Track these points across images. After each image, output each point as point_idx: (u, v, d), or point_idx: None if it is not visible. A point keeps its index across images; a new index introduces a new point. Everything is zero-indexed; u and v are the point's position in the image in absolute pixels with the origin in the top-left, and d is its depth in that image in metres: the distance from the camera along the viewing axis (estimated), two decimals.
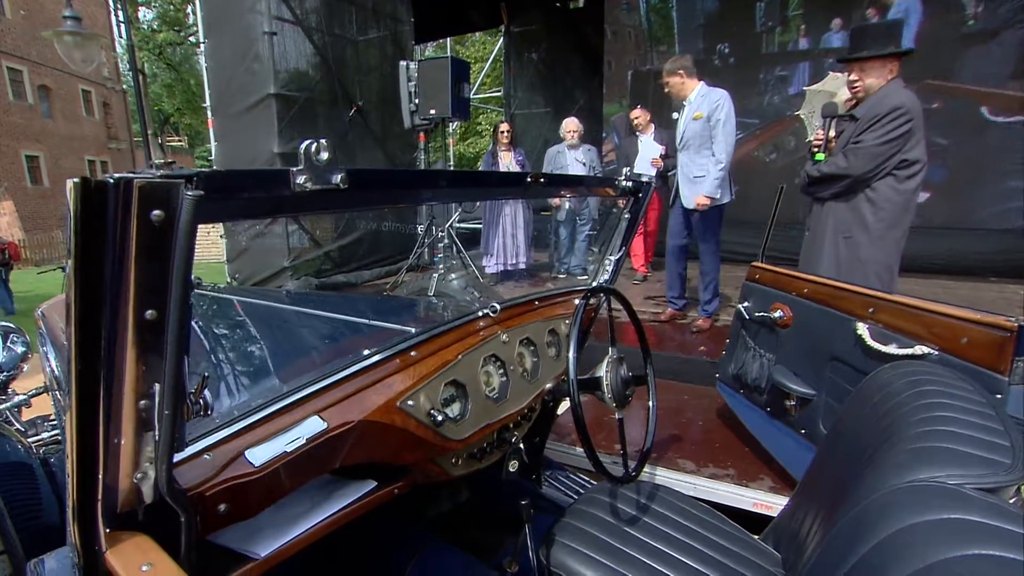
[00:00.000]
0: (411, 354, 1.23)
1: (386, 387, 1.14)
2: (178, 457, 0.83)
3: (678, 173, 3.76)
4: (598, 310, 1.89)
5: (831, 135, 2.65)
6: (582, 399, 1.35)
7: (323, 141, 0.75)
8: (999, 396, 1.28)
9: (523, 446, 1.50)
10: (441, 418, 1.19)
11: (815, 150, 2.68)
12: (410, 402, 1.16)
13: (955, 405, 1.00)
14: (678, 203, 3.77)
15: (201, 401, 0.77)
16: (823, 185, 2.65)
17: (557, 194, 4.11)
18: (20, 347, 2.18)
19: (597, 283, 1.80)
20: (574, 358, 1.31)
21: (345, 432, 1.03)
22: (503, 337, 1.44)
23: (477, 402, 1.33)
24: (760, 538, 1.42)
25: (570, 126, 5.32)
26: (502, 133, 5.42)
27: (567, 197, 5.41)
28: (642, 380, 1.56)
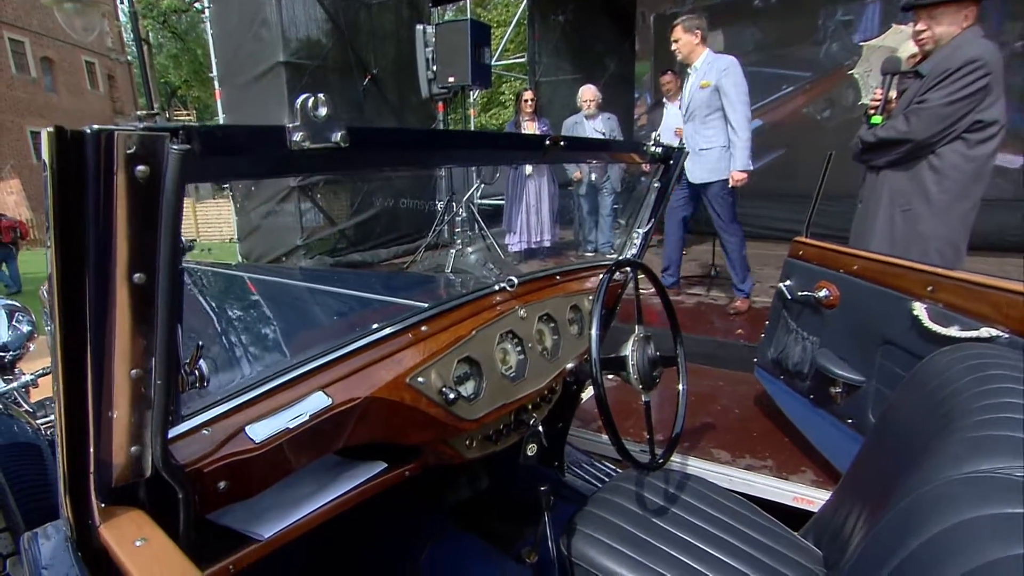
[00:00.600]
0: (422, 329, 1.23)
1: (395, 363, 1.14)
2: (176, 431, 0.85)
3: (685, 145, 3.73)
4: (625, 286, 1.86)
5: (891, 95, 2.51)
6: (607, 380, 1.33)
7: (321, 95, 0.74)
8: None
9: (543, 429, 1.50)
10: (453, 396, 1.19)
11: (871, 112, 2.55)
12: (420, 379, 1.16)
13: None
14: (683, 177, 3.75)
15: (196, 372, 0.78)
16: (879, 152, 2.52)
17: (579, 160, 4.07)
18: (26, 326, 2.25)
19: (624, 258, 1.77)
20: (597, 335, 1.29)
21: (351, 409, 1.03)
22: (521, 313, 1.43)
23: (492, 380, 1.32)
24: (800, 534, 1.40)
25: (586, 94, 5.24)
26: (525, 102, 5.37)
27: (589, 167, 5.35)
28: (671, 361, 1.54)
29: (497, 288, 1.45)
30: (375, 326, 1.19)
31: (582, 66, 9.16)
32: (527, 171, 5.58)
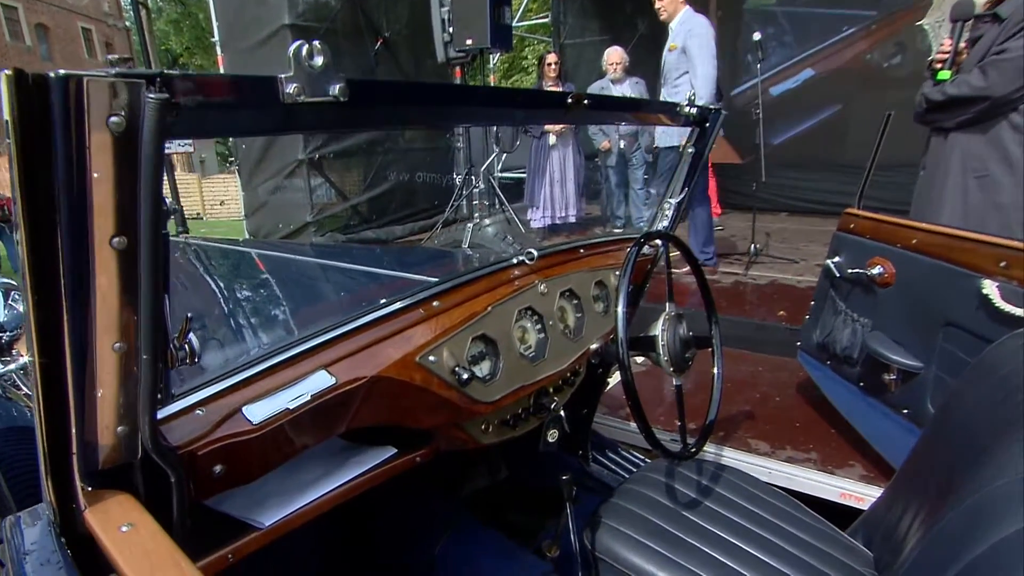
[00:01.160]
0: (434, 304, 1.21)
1: (404, 340, 1.12)
2: (167, 411, 0.84)
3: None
4: (655, 262, 1.82)
5: (961, 46, 2.38)
6: (635, 363, 1.30)
7: (317, 43, 0.71)
8: None
9: (565, 415, 1.48)
10: (467, 377, 1.17)
11: (938, 67, 2.42)
12: (432, 357, 1.14)
13: None
14: None
15: (187, 346, 0.77)
16: (948, 112, 2.40)
17: (604, 121, 4.03)
18: (22, 305, 2.29)
19: (653, 230, 1.73)
20: (623, 312, 1.27)
21: (356, 389, 1.02)
22: (541, 288, 1.41)
23: (510, 360, 1.31)
24: (847, 533, 1.38)
25: (612, 57, 5.16)
26: (549, 66, 5.30)
27: (618, 135, 5.25)
28: (706, 342, 1.51)
29: (515, 261, 1.43)
30: (383, 301, 1.17)
31: (611, 27, 8.95)
32: (551, 141, 5.51)
